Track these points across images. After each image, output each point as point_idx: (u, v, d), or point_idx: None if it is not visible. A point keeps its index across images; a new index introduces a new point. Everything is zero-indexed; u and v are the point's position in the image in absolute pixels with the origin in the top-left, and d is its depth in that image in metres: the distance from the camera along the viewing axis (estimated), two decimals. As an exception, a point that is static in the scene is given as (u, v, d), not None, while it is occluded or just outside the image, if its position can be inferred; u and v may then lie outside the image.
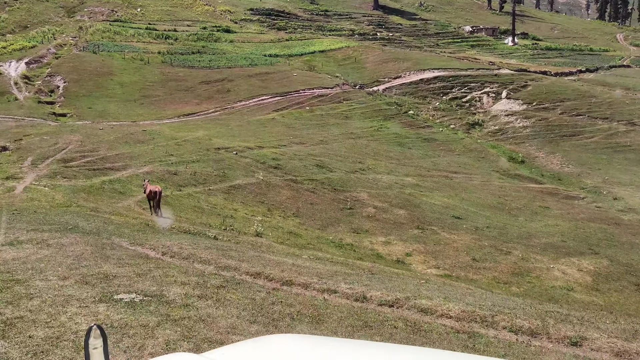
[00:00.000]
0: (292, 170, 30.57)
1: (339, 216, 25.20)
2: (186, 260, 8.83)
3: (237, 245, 12.07)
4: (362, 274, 10.03)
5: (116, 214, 15.31)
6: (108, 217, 14.08)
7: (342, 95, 54.02)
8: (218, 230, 16.23)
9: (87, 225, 11.82)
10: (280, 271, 8.25)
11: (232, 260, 8.82)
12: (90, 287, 6.64)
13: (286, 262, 9.38)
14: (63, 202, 15.94)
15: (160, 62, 63.02)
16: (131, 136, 32.86)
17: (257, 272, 8.12)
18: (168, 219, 17.28)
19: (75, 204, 16.00)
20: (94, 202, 17.13)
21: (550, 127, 47.68)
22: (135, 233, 11.62)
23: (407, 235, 23.53)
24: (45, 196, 16.64)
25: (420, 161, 38.75)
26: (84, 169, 23.05)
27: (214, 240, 12.64)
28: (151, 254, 9.31)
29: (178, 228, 14.22)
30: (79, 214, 13.57)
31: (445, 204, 28.66)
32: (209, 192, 24.61)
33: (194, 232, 13.90)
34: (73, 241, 9.58)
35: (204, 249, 9.83)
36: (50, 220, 12.09)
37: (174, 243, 10.16)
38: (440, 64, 65.76)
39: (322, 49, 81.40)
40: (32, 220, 12.02)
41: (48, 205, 15.19)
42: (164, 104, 48.06)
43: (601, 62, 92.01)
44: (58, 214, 13.32)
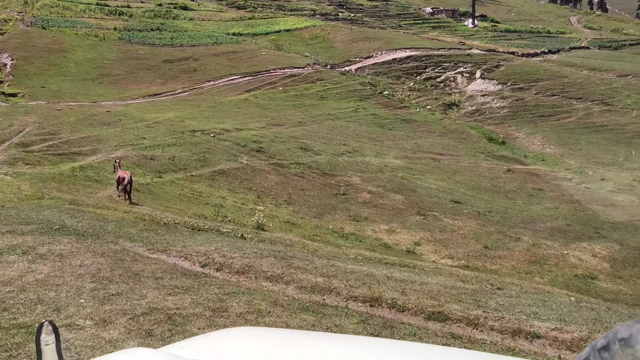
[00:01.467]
0: (275, 153, 28.40)
1: (334, 203, 23.34)
2: (247, 277, 6.69)
3: (278, 246, 9.93)
4: (491, 289, 8.01)
5: (102, 207, 12.90)
6: (95, 212, 11.69)
7: (314, 75, 51.79)
8: (219, 222, 14.05)
9: (77, 223, 9.48)
10: (400, 293, 6.23)
11: (308, 275, 6.76)
12: (160, 341, 4.52)
13: (378, 275, 7.36)
14: (33, 194, 13.38)
15: (118, 39, 58.90)
16: (95, 117, 29.81)
17: (372, 298, 6.03)
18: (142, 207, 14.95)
19: (48, 195, 13.45)
20: (69, 192, 14.59)
21: (527, 108, 47.11)
22: (145, 233, 9.37)
23: (409, 222, 21.94)
24: (9, 186, 13.98)
25: (403, 143, 37.24)
26: (48, 154, 20.21)
27: (243, 240, 10.49)
28: (190, 267, 7.14)
29: (184, 224, 11.99)
30: (59, 209, 11.13)
31: (440, 187, 27.25)
32: (192, 179, 22.22)
33: (208, 229, 11.68)
34: (73, 249, 7.31)
35: (255, 256, 7.70)
36: (27, 217, 9.66)
37: (209, 249, 8.01)
38: (412, 44, 64.36)
39: (287, 28, 78.62)
40: (2, 217, 9.57)
41: (15, 198, 12.63)
42: (125, 84, 44.58)
43: (560, 44, 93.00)
44: (33, 208, 10.87)
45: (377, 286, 6.52)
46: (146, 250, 7.99)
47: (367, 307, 5.96)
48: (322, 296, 6.08)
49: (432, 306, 5.93)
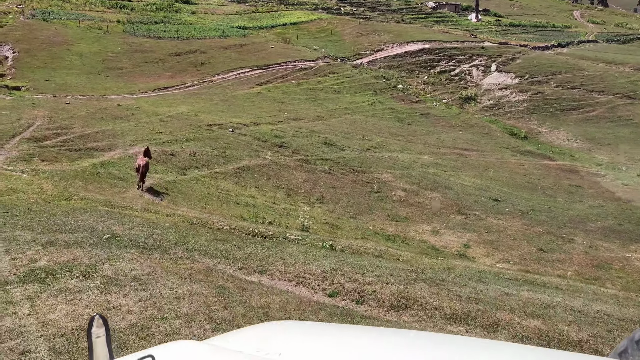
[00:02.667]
0: (299, 149, 26.81)
1: (368, 201, 21.78)
2: (413, 315, 5.09)
3: (389, 261, 8.31)
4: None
5: (140, 209, 11.32)
6: (137, 215, 10.10)
7: (326, 68, 50.14)
8: (275, 227, 12.43)
9: (129, 231, 7.91)
10: (577, 328, 4.66)
11: (493, 310, 5.19)
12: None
13: (539, 300, 5.79)
14: (58, 194, 11.79)
15: (122, 32, 57.08)
16: (106, 111, 28.14)
17: (556, 336, 4.53)
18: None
19: (76, 195, 11.86)
20: (97, 192, 12.99)
21: (548, 101, 45.59)
22: (219, 245, 7.78)
23: (451, 222, 20.41)
24: (29, 185, 12.39)
25: (425, 137, 35.69)
26: (64, 150, 18.56)
27: (333, 251, 8.87)
28: (313, 297, 5.53)
29: (242, 229, 10.37)
30: (97, 212, 9.56)
31: (475, 184, 25.73)
32: (217, 176, 20.63)
33: (273, 236, 10.04)
34: (146, 269, 5.75)
35: (394, 279, 6.06)
36: (64, 223, 8.09)
37: (324, 269, 6.38)
38: (423, 36, 62.70)
39: (293, 21, 76.90)
40: (34, 224, 8.00)
41: (39, 199, 11.05)
42: (132, 77, 42.86)
43: (568, 38, 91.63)
44: (66, 212, 9.30)
45: (552, 320, 5.00)
46: (237, 269, 6.41)
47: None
48: (546, 342, 4.48)
49: None
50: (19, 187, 11.96)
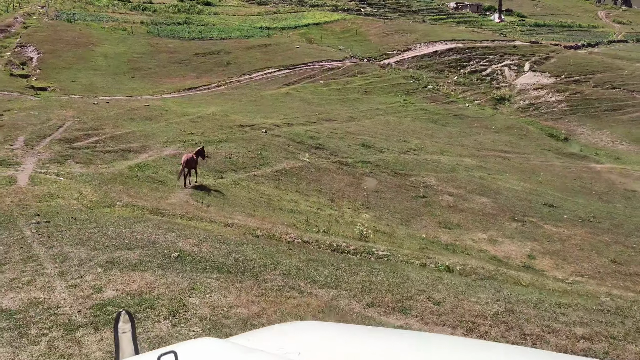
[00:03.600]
0: (336, 150, 25.49)
1: (415, 207, 20.35)
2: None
3: (542, 293, 6.86)
4: None
5: (193, 217, 10.08)
6: (195, 226, 8.85)
7: (354, 68, 48.83)
8: (347, 239, 11.05)
9: (199, 248, 6.65)
10: None
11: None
12: None
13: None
14: (100, 200, 10.62)
15: (146, 33, 56.42)
16: (134, 112, 27.12)
17: None
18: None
19: (119, 201, 10.67)
20: (140, 197, 11.80)
21: (587, 102, 43.66)
22: (316, 267, 6.45)
23: (507, 229, 18.89)
24: (67, 190, 11.24)
25: (462, 139, 34.12)
26: (98, 151, 17.47)
27: (452, 274, 7.51)
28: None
29: (316, 242, 9.05)
30: (151, 222, 8.33)
31: (525, 188, 24.15)
32: (255, 180, 19.39)
33: (356, 252, 8.67)
34: (254, 306, 4.44)
35: (583, 325, 4.71)
36: (118, 236, 6.87)
37: (489, 308, 5.02)
38: (452, 36, 61.09)
39: (316, 22, 75.82)
40: (84, 237, 6.81)
41: (81, 205, 9.89)
42: (158, 78, 41.98)
43: (596, 38, 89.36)
44: (115, 221, 8.11)
45: None
46: (367, 306, 5.05)
47: None
48: None
49: None
50: (56, 192, 10.78)
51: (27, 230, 7.42)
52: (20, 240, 6.87)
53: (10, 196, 10.20)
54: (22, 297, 5.06)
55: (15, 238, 7.03)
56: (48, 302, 4.75)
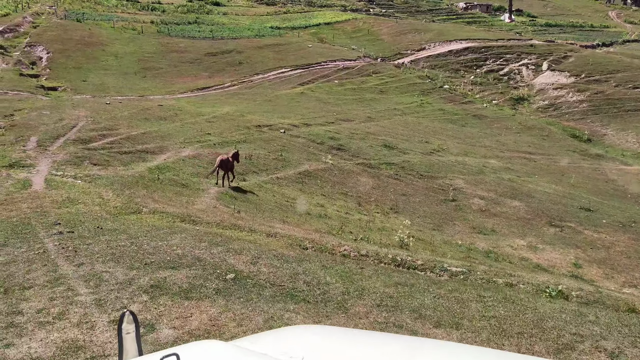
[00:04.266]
0: (358, 152, 24.50)
1: (445, 210, 19.32)
2: None
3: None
4: None
5: (231, 225, 9.08)
6: (238, 237, 7.84)
7: (369, 68, 47.81)
8: (399, 249, 10.00)
9: (256, 267, 5.64)
10: None
11: None
12: None
13: None
14: (124, 205, 9.67)
15: (156, 32, 55.65)
16: (148, 112, 26.25)
17: None
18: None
19: (145, 207, 9.70)
20: (165, 202, 10.82)
21: (610, 101, 42.43)
22: (412, 294, 5.45)
23: (546, 235, 17.83)
24: (87, 194, 10.30)
25: (484, 140, 33.05)
26: (114, 152, 16.54)
27: (567, 302, 6.44)
28: None
29: (376, 256, 8.00)
30: (187, 233, 7.33)
31: (558, 192, 23.06)
32: (279, 182, 18.43)
33: (426, 267, 7.64)
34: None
35: None
36: (155, 250, 5.90)
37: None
38: (467, 35, 59.94)
39: (327, 21, 74.90)
40: (117, 252, 5.84)
41: (104, 212, 8.93)
42: (170, 77, 41.13)
43: (609, 38, 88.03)
44: (147, 232, 7.13)
45: None
46: None
47: None
48: None
49: None
50: (76, 197, 9.82)
51: (48, 242, 6.46)
52: (42, 256, 5.90)
53: (26, 201, 9.23)
54: (56, 339, 4.04)
55: (36, 252, 6.07)
56: (90, 347, 3.77)
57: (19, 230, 7.24)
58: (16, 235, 6.91)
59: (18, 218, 8.09)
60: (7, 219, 7.99)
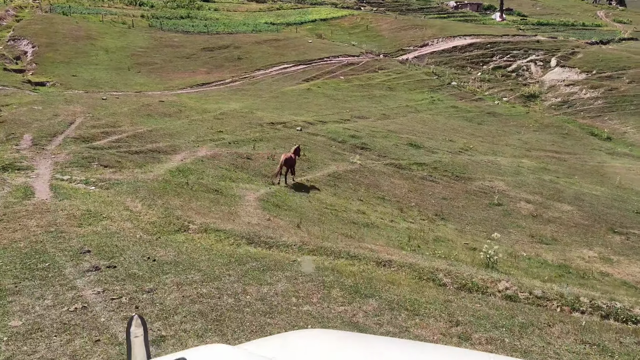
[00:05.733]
0: (385, 151, 22.34)
1: (494, 216, 17.24)
2: None
3: None
4: None
5: (323, 250, 6.79)
6: (343, 268, 5.59)
7: (374, 64, 45.75)
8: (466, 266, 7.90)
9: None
10: None
11: None
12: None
13: None
14: (162, 221, 7.34)
15: (148, 26, 52.98)
16: (149, 108, 23.83)
17: None
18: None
19: (190, 222, 7.39)
20: (207, 214, 8.51)
21: (626, 98, 40.90)
22: None
23: (613, 244, 15.85)
24: (110, 205, 7.95)
25: (505, 138, 31.14)
26: (123, 152, 14.16)
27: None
28: None
29: (587, 305, 5.80)
30: (285, 268, 5.12)
31: (605, 194, 21.17)
32: (310, 186, 16.17)
33: (586, 307, 5.51)
34: None
35: None
36: (264, 311, 3.65)
37: None
38: (470, 30, 58.26)
39: (323, 17, 72.77)
40: (205, 309, 3.60)
41: (141, 232, 6.62)
42: (166, 73, 38.58)
43: (603, 36, 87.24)
44: (225, 267, 4.87)
45: None
46: None
47: None
48: None
49: None
50: (97, 210, 7.47)
51: (84, 288, 4.21)
52: (83, 317, 3.63)
53: (33, 217, 6.83)
54: None
55: (71, 310, 3.77)
56: None
57: (34, 265, 4.92)
58: (31, 274, 4.62)
59: (27, 242, 5.75)
60: (11, 243, 5.64)
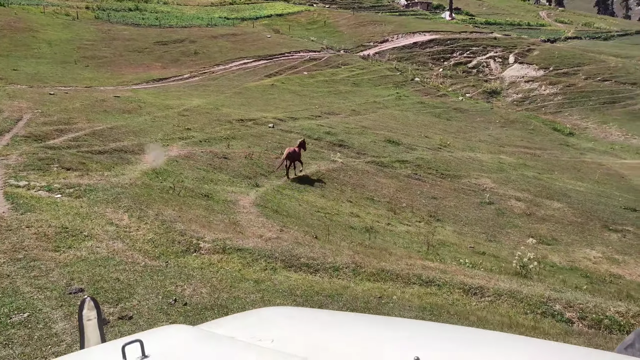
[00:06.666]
0: (364, 148, 21.14)
1: (488, 216, 16.35)
2: None
3: None
4: None
5: (383, 275, 5.34)
6: (476, 311, 4.27)
7: (336, 59, 44.58)
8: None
9: None
10: None
11: None
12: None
13: None
14: (163, 239, 5.65)
15: (94, 18, 49.71)
16: (105, 104, 21.66)
17: None
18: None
19: (199, 239, 5.74)
20: (211, 227, 6.93)
21: (584, 94, 41.54)
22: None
23: (613, 243, 15.26)
24: (89, 219, 6.16)
25: (476, 134, 30.68)
26: (85, 152, 12.22)
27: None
28: None
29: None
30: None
31: (589, 189, 20.79)
32: (296, 187, 14.73)
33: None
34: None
35: None
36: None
37: None
38: (430, 27, 58.15)
39: (279, 13, 71.18)
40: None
41: (141, 255, 4.91)
42: (117, 67, 35.96)
43: (549, 35, 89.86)
44: (263, 301, 3.53)
45: None
46: None
47: None
48: None
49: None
50: (75, 226, 5.70)
51: None
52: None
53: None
54: None
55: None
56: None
57: (4, 318, 3.29)
58: (4, 335, 3.02)
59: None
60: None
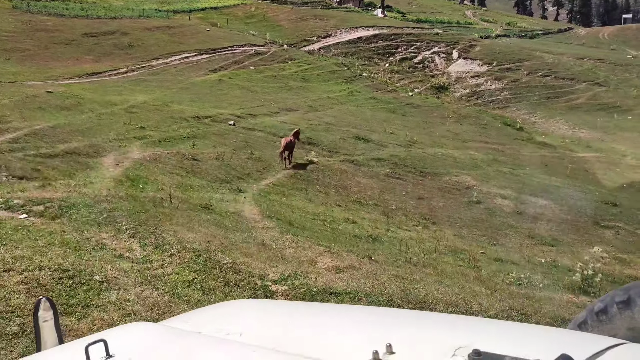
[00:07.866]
0: (334, 146, 19.64)
1: (481, 217, 15.33)
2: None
3: None
4: None
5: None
6: None
7: (282, 54, 42.75)
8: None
9: None
10: None
11: None
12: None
13: None
14: (205, 279, 3.89)
15: (11, 8, 44.87)
16: (38, 100, 18.83)
17: None
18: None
19: (245, 271, 3.91)
20: (256, 257, 5.18)
21: (529, 89, 42.25)
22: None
23: (610, 241, 14.66)
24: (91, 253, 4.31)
25: (435, 129, 30.01)
26: (34, 156, 9.80)
27: None
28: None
29: None
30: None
31: (565, 185, 20.44)
32: (281, 191, 12.97)
33: None
34: None
35: None
36: None
37: None
38: (372, 22, 57.61)
39: (214, 6, 68.26)
40: None
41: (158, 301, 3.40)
42: (43, 61, 32.32)
43: (479, 33, 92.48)
44: None
45: None
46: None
47: None
48: None
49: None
50: (77, 266, 3.61)
51: None
52: None
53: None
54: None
55: None
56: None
57: None
58: None
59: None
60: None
